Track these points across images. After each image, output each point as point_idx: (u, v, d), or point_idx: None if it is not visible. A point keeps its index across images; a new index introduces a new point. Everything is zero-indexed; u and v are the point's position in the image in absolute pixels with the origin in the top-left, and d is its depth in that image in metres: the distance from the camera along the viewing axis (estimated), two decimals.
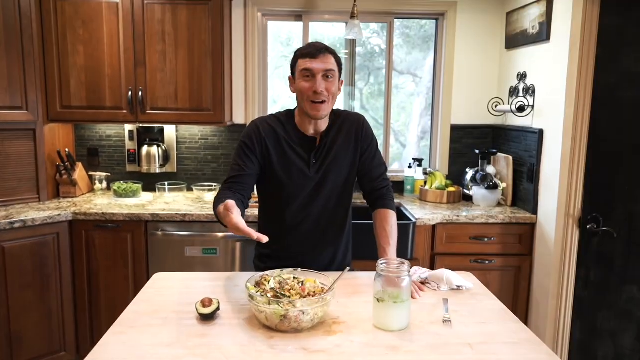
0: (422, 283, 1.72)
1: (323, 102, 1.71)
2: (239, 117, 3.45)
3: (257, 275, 1.50)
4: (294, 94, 1.79)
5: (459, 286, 1.67)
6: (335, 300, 1.53)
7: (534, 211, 2.90)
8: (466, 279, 1.75)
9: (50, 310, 2.80)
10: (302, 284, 1.46)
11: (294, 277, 1.50)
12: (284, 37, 3.69)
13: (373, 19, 3.51)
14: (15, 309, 2.67)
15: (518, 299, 2.96)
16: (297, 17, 3.46)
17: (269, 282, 1.44)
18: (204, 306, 1.41)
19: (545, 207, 2.81)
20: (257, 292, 1.38)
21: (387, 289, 1.35)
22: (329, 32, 3.84)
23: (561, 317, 2.72)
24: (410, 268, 1.40)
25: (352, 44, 3.54)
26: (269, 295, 1.36)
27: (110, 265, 2.88)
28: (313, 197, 1.83)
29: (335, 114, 1.88)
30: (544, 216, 2.81)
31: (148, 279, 2.86)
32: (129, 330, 1.35)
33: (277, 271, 1.53)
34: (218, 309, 1.43)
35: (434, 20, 3.54)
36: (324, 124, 1.83)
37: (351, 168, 1.87)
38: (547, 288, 2.76)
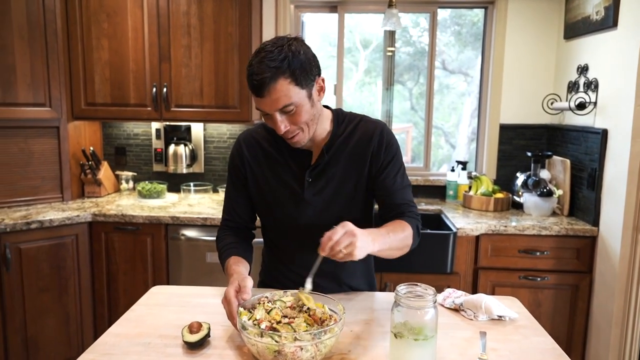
0: (456, 310, 1.44)
1: (297, 133, 1.36)
2: None
3: (256, 297, 1.28)
4: (331, 94, 1.48)
5: (500, 316, 1.38)
6: (348, 328, 1.30)
7: (595, 222, 2.54)
8: (510, 306, 1.46)
9: (68, 314, 2.70)
10: (308, 310, 1.23)
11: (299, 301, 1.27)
12: (333, 37, 3.48)
13: (414, 8, 3.22)
14: (31, 313, 2.58)
15: (575, 322, 2.61)
16: (332, 8, 3.22)
17: (267, 307, 1.22)
18: (192, 332, 1.21)
19: (608, 218, 2.44)
20: (250, 321, 1.16)
21: (407, 321, 1.10)
22: (367, 28, 3.60)
23: (627, 347, 2.35)
24: (436, 295, 1.14)
25: (392, 37, 3.26)
26: (262, 326, 1.13)
27: (130, 269, 2.75)
28: (314, 226, 1.42)
29: (346, 119, 1.50)
30: (607, 229, 2.45)
31: (168, 284, 2.73)
32: (101, 359, 1.16)
33: (279, 292, 1.30)
34: (208, 335, 1.22)
35: (482, 10, 3.22)
36: (321, 132, 1.45)
37: (365, 190, 1.48)
38: (609, 312, 2.40)
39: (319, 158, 1.46)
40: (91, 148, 3.09)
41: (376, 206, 1.54)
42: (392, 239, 1.30)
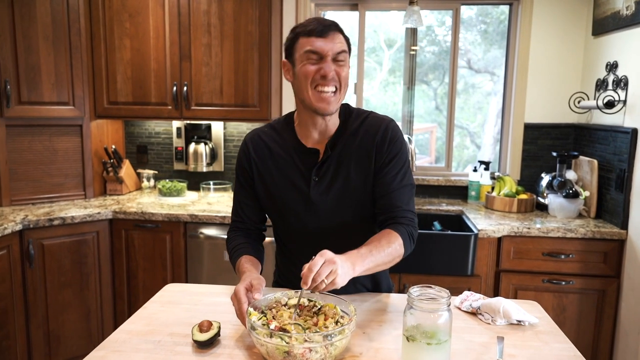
0: (473, 313, 1.40)
1: (333, 92, 1.35)
2: None
3: (269, 297, 1.26)
4: (351, 92, 1.47)
5: (519, 321, 1.33)
6: (361, 330, 1.27)
7: (623, 225, 2.45)
8: (531, 311, 1.41)
9: (89, 309, 2.74)
10: (320, 310, 1.21)
11: (310, 300, 1.25)
12: (357, 37, 3.47)
13: (436, 5, 3.17)
14: (53, 308, 2.62)
15: (601, 328, 2.52)
16: (353, 6, 3.19)
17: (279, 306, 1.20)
18: (202, 331, 1.20)
19: (637, 220, 2.35)
20: (260, 321, 1.14)
21: (420, 324, 1.07)
22: (392, 27, 3.55)
23: None
24: (450, 298, 1.10)
25: (414, 36, 3.21)
26: (271, 326, 1.11)
27: (149, 266, 2.78)
28: (323, 226, 1.44)
29: (353, 115, 1.47)
30: (637, 231, 2.36)
31: (187, 282, 2.74)
32: (111, 356, 1.15)
33: (290, 292, 1.28)
34: (218, 334, 1.21)
35: (507, 6, 3.15)
36: (332, 127, 1.44)
37: (373, 188, 1.44)
38: (638, 318, 2.31)
39: (325, 155, 1.43)
40: (113, 146, 3.12)
41: None
42: (376, 257, 1.26)
